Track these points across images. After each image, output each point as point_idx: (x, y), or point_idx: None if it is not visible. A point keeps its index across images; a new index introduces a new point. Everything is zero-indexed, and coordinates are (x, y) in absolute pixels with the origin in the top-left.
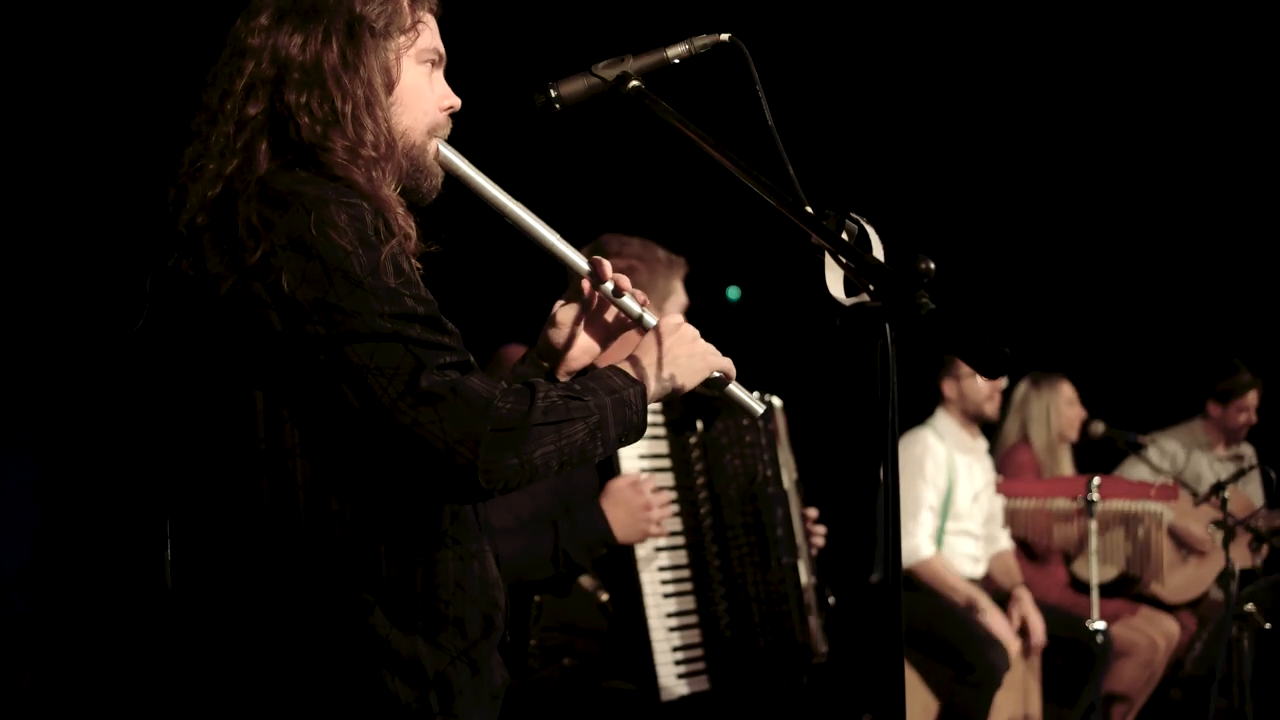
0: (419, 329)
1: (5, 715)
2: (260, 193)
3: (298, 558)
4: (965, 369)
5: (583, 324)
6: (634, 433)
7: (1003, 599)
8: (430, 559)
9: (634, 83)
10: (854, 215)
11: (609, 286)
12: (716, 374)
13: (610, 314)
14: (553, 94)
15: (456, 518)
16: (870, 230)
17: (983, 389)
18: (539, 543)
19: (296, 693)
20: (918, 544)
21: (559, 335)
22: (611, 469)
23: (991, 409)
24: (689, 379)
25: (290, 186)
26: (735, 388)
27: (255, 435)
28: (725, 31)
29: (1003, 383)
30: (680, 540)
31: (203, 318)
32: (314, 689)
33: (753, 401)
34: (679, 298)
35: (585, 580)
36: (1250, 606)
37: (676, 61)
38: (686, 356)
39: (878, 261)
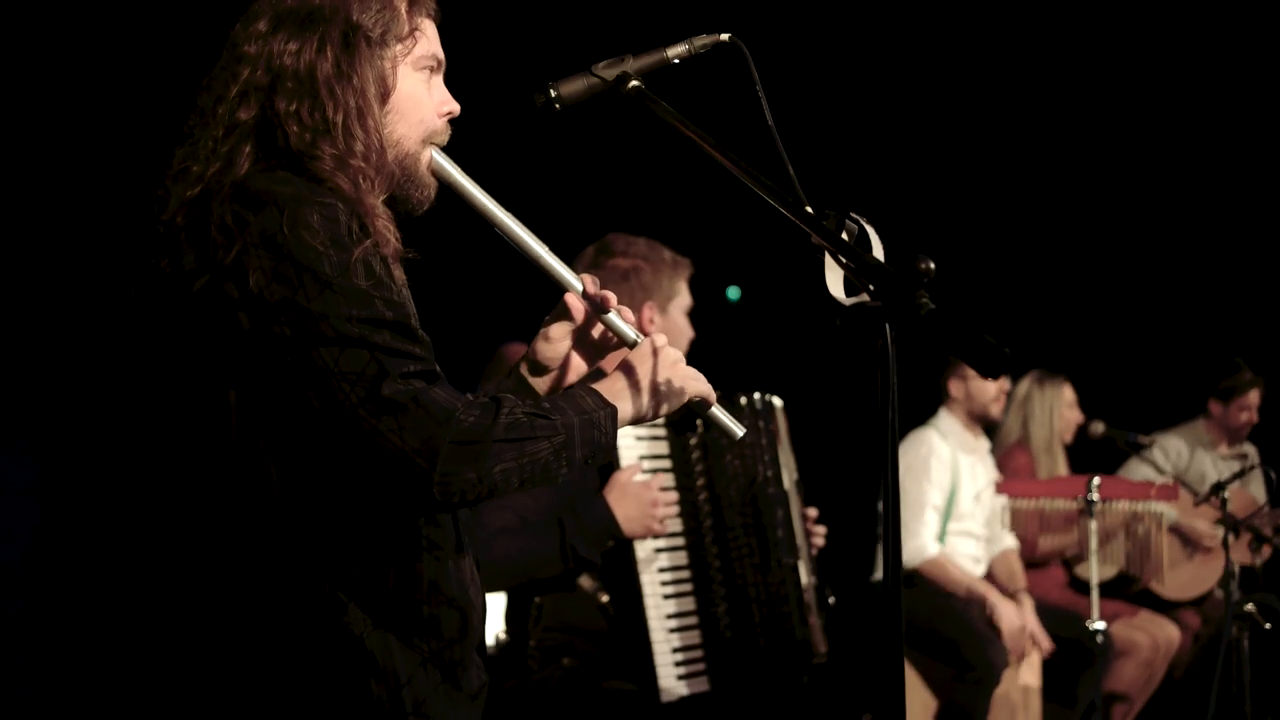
0: (387, 335)
1: (5, 717)
2: (235, 193)
3: (273, 555)
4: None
5: (571, 341)
6: (602, 453)
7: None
8: (405, 558)
9: (634, 83)
10: (854, 215)
11: (596, 303)
12: (697, 398)
13: (598, 331)
14: (553, 94)
15: (433, 518)
16: (870, 230)
17: (990, 390)
18: (546, 540)
19: (271, 689)
20: (923, 543)
21: (547, 351)
22: (611, 463)
23: (997, 410)
24: (666, 404)
25: (266, 186)
26: (717, 411)
27: (228, 434)
28: (725, 31)
29: (1007, 384)
30: (680, 541)
31: (178, 315)
32: (288, 686)
33: (734, 425)
34: (684, 298)
35: (585, 581)
36: (1250, 606)
37: (676, 61)
38: (665, 381)
39: (878, 261)
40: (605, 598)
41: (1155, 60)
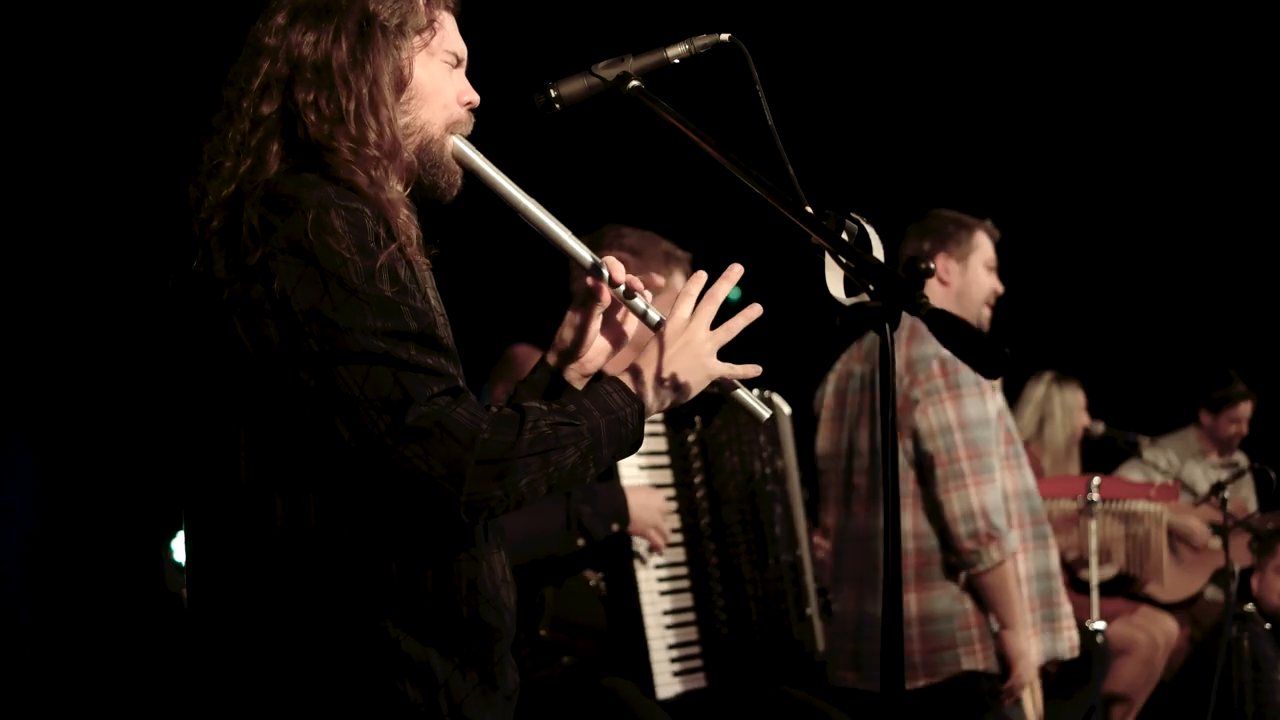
0: (412, 348)
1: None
2: (264, 196)
3: (309, 561)
4: None
5: (596, 326)
6: (629, 449)
7: None
8: (442, 561)
9: (634, 83)
10: (854, 215)
11: (621, 288)
12: (722, 380)
13: (623, 315)
14: (553, 94)
15: None
16: (870, 230)
17: None
18: (551, 513)
19: (308, 695)
20: None
21: (573, 337)
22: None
23: None
24: (692, 389)
25: (293, 190)
26: (741, 392)
27: (265, 439)
28: (725, 31)
29: None
30: (678, 538)
31: (211, 320)
32: (326, 691)
33: (758, 405)
34: (675, 293)
35: (588, 572)
36: (1250, 606)
37: (676, 61)
38: (689, 369)
39: (878, 261)
40: (600, 575)
41: (1155, 64)
